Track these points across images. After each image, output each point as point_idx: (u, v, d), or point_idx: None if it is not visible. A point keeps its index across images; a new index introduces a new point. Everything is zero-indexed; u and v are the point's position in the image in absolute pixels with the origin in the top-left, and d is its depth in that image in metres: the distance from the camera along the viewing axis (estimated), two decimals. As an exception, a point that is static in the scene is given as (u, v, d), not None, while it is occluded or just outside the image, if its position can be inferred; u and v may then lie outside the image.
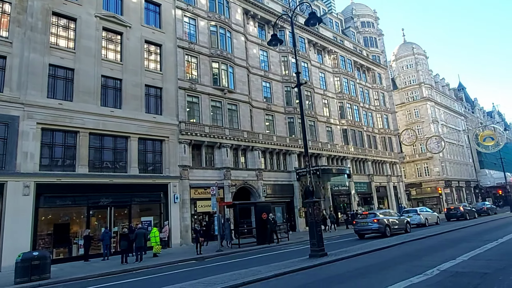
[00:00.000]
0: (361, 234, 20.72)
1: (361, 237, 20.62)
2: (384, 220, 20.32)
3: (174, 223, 23.14)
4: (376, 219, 20.01)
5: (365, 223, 20.42)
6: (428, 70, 68.91)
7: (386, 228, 19.96)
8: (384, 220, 20.28)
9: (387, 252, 12.53)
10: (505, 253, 10.64)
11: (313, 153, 35.62)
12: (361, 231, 20.60)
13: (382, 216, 20.65)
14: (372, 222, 19.98)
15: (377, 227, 19.80)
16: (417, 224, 26.87)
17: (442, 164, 60.07)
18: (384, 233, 19.74)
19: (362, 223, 20.63)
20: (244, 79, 30.90)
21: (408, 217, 25.18)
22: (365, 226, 20.35)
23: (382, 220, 20.17)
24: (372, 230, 20.07)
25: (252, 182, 29.06)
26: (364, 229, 20.41)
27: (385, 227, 19.92)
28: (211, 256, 17.29)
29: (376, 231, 19.95)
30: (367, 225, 20.25)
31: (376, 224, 19.82)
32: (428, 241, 15.37)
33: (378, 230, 19.86)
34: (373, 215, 20.77)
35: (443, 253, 11.50)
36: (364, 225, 20.44)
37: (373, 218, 20.27)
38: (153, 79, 24.46)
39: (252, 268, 10.54)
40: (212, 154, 27.51)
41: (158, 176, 23.20)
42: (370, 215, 21.05)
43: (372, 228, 19.97)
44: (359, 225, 20.78)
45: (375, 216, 20.46)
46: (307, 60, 38.74)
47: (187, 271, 12.82)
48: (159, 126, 23.84)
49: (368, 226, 20.14)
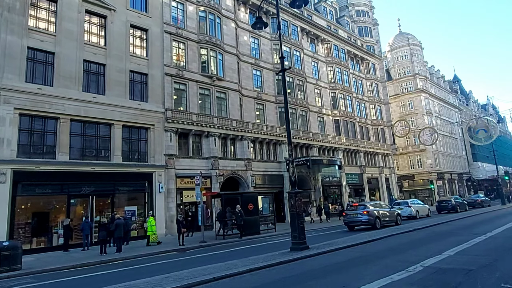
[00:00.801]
0: (350, 226, 20.46)
1: (351, 229, 20.32)
2: (374, 212, 19.99)
3: (159, 213, 22.57)
4: (366, 211, 19.68)
5: (355, 214, 20.09)
6: (423, 62, 68.37)
7: (376, 220, 19.64)
8: (374, 212, 19.94)
9: (372, 246, 12.09)
10: (492, 248, 10.22)
11: (304, 144, 35.13)
12: (350, 223, 20.35)
13: (372, 208, 20.27)
14: (362, 214, 19.67)
15: (367, 219, 19.50)
16: (408, 217, 26.61)
17: (435, 156, 59.97)
18: (374, 225, 19.44)
19: (352, 215, 20.31)
20: (234, 67, 30.13)
21: (399, 209, 24.94)
22: (354, 218, 20.04)
23: (372, 212, 19.82)
24: (362, 222, 19.78)
25: (241, 172, 28.53)
26: (354, 220, 20.13)
27: (375, 219, 19.60)
28: (193, 247, 16.80)
29: (366, 223, 19.65)
30: (356, 217, 19.94)
31: (366, 216, 19.52)
32: (416, 234, 14.98)
33: (368, 222, 19.55)
34: (363, 207, 20.37)
35: (429, 247, 11.07)
36: (354, 216, 20.13)
37: (363, 210, 19.91)
38: (138, 65, 23.65)
39: (228, 262, 10.04)
40: (200, 143, 26.88)
41: (142, 165, 22.56)
42: (360, 207, 20.63)
43: (362, 220, 19.68)
44: (349, 216, 20.46)
45: (365, 208, 20.08)
46: (300, 49, 37.96)
47: (163, 263, 12.31)
48: (144, 114, 23.12)
49: (358, 218, 19.84)
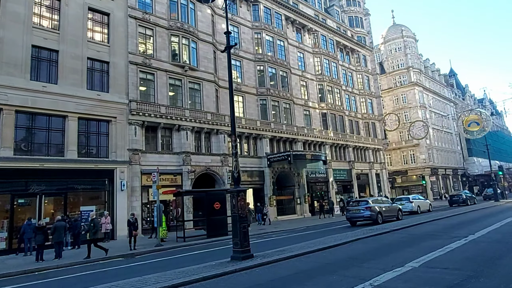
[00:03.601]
0: (352, 222, 20.70)
1: (353, 224, 20.59)
2: (376, 207, 20.33)
3: (121, 212, 20.78)
4: (368, 207, 20.04)
5: (357, 210, 20.40)
6: (418, 54, 66.43)
7: (378, 216, 19.97)
8: (376, 207, 20.28)
9: (330, 253, 10.30)
10: (470, 257, 8.43)
11: (288, 138, 33.31)
12: (353, 219, 20.57)
13: (374, 204, 20.64)
14: (364, 210, 20.02)
15: (369, 214, 19.83)
16: (409, 212, 26.67)
17: (428, 151, 58.24)
18: (376, 221, 19.70)
19: (354, 211, 20.61)
20: (209, 56, 28.22)
21: (400, 204, 25.26)
22: (357, 214, 20.33)
23: (374, 207, 20.18)
24: (364, 217, 20.06)
25: (216, 168, 26.71)
26: (356, 216, 20.37)
27: (377, 215, 19.96)
28: (145, 252, 15.02)
29: (368, 218, 19.94)
30: (359, 212, 20.25)
31: (368, 211, 19.87)
32: (390, 237, 13.20)
33: (370, 218, 19.84)
34: (365, 203, 20.73)
35: (396, 255, 9.30)
36: (356, 212, 20.42)
37: (365, 205, 20.28)
38: (98, 52, 21.73)
39: (151, 275, 8.24)
40: (170, 138, 25.02)
41: (101, 161, 20.70)
42: (362, 203, 20.95)
43: (364, 215, 20.00)
44: (351, 212, 20.80)
45: (367, 204, 20.42)
46: (284, 38, 36.02)
47: (94, 273, 10.55)
48: (105, 105, 21.25)
49: (360, 213, 20.15)
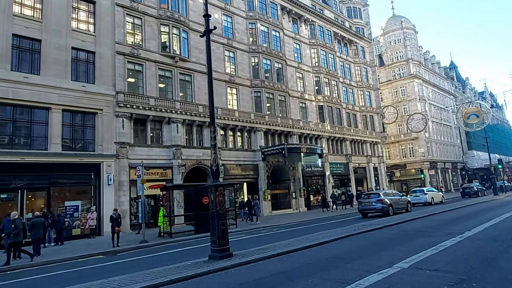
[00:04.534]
0: (364, 213, 21.68)
1: (365, 216, 21.50)
2: (387, 200, 21.25)
3: (108, 208, 20.08)
4: (380, 199, 20.95)
5: (369, 203, 21.29)
6: (418, 46, 65.41)
7: (389, 208, 20.92)
8: (386, 200, 21.20)
9: (316, 252, 9.67)
10: (462, 258, 7.80)
11: (283, 131, 32.60)
12: (365, 210, 21.56)
13: (385, 197, 21.56)
14: (376, 202, 20.93)
15: (380, 206, 20.74)
16: (423, 203, 28.50)
17: (427, 144, 57.53)
18: (387, 212, 20.60)
19: (366, 203, 21.54)
20: (201, 47, 27.40)
21: (415, 196, 28.33)
22: (369, 206, 21.27)
23: (385, 200, 21.13)
24: (376, 209, 20.96)
25: (208, 162, 25.92)
26: (368, 208, 21.34)
27: (388, 207, 20.91)
28: (128, 249, 14.44)
29: (380, 210, 20.80)
30: (370, 204, 21.15)
31: (380, 204, 20.78)
32: (382, 233, 12.57)
33: (381, 210, 20.72)
34: (377, 196, 21.69)
35: (384, 254, 8.67)
36: (368, 204, 21.33)
37: (377, 198, 21.20)
38: (83, 42, 20.95)
39: (111, 279, 7.62)
40: (160, 130, 24.36)
41: (87, 155, 20.04)
42: (374, 196, 21.96)
43: (376, 207, 20.91)
44: (363, 204, 21.71)
45: (378, 197, 21.33)
46: (279, 29, 35.13)
47: (63, 274, 9.95)
48: (90, 97, 20.52)
49: (372, 206, 21.08)
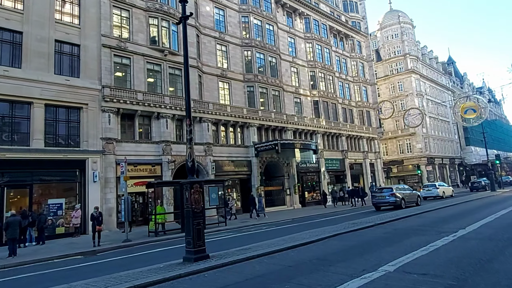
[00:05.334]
0: (378, 207, 22.97)
1: (378, 209, 22.70)
2: (400, 194, 22.55)
3: (94, 205, 19.43)
4: (393, 193, 22.25)
5: (383, 197, 22.61)
6: (415, 41, 64.72)
7: (402, 201, 22.13)
8: (399, 194, 22.51)
9: (300, 252, 9.08)
10: (454, 260, 7.21)
11: (277, 127, 31.98)
12: (378, 204, 22.89)
13: (397, 191, 22.86)
14: (390, 196, 22.21)
15: (394, 200, 21.98)
16: (434, 197, 30.67)
17: (425, 140, 57.03)
18: (400, 206, 21.80)
19: (380, 197, 22.90)
20: (191, 40, 26.56)
21: (427, 190, 31.24)
22: (382, 200, 22.54)
23: (398, 194, 22.41)
24: (390, 203, 22.16)
25: (199, 158, 25.41)
26: (381, 202, 22.61)
27: (401, 200, 22.12)
28: (109, 249, 13.86)
29: (393, 203, 21.98)
30: (384, 198, 22.43)
31: (393, 197, 22.05)
32: (373, 232, 11.99)
33: (395, 203, 21.90)
34: (390, 190, 23.04)
35: (371, 255, 8.09)
36: (381, 198, 22.63)
37: (390, 192, 22.50)
38: (67, 34, 20.24)
39: (73, 284, 7.03)
40: (149, 126, 23.71)
41: (71, 151, 19.39)
42: (387, 190, 23.28)
43: (390, 201, 22.16)
44: (377, 198, 23.10)
45: (391, 191, 22.67)
46: (273, 23, 34.41)
47: (31, 276, 9.35)
48: (75, 91, 19.84)
49: (386, 199, 22.34)
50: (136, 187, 22.10)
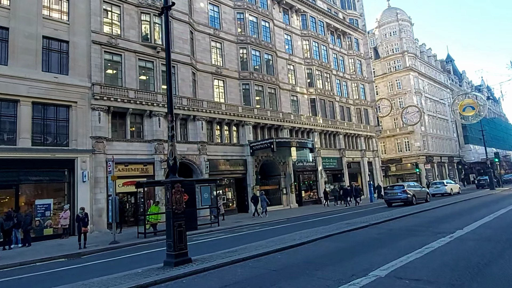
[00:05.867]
0: (389, 203, 23.89)
1: (389, 205, 23.73)
2: (411, 191, 23.52)
3: (83, 206, 18.99)
4: (404, 190, 23.24)
5: (395, 193, 23.65)
6: (413, 39, 64.26)
7: (413, 198, 23.07)
8: (410, 191, 23.48)
9: (288, 255, 8.62)
10: (449, 264, 6.76)
11: (273, 125, 31.49)
12: (390, 200, 23.87)
13: (408, 188, 23.84)
14: (401, 193, 23.20)
15: (405, 196, 22.94)
16: (442, 194, 31.78)
17: (423, 138, 56.57)
18: (411, 202, 22.72)
19: (392, 194, 23.93)
20: (185, 37, 26.20)
21: (436, 188, 32.79)
22: (394, 196, 23.58)
23: (409, 191, 23.40)
24: (401, 199, 23.14)
25: (193, 157, 24.95)
26: (393, 198, 23.63)
27: (412, 197, 23.06)
28: (95, 251, 13.37)
29: (405, 200, 22.90)
30: (396, 195, 23.49)
31: (405, 194, 23.01)
32: (367, 233, 11.53)
33: (406, 199, 22.82)
34: (402, 187, 24.06)
35: (363, 258, 7.63)
36: (393, 195, 23.68)
37: (402, 189, 23.54)
38: (55, 30, 19.73)
39: None
40: (141, 124, 23.23)
41: (60, 150, 18.89)
42: (398, 187, 24.39)
43: (401, 197, 23.15)
44: (389, 195, 24.14)
45: (403, 188, 23.70)
46: (269, 19, 33.91)
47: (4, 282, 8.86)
48: (63, 88, 19.34)
49: (398, 196, 23.38)
50: (128, 187, 21.62)
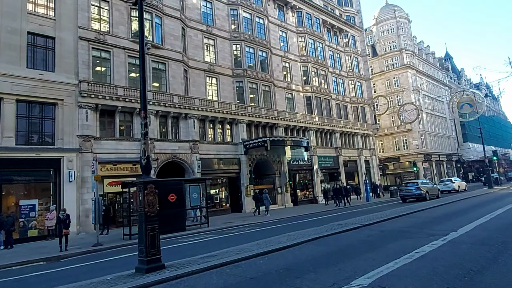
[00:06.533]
0: (404, 199, 25.66)
1: (404, 201, 25.36)
2: (424, 187, 25.34)
3: (69, 206, 18.33)
4: (418, 187, 25.01)
5: (409, 190, 25.38)
6: (411, 36, 63.69)
7: (426, 194, 24.72)
8: (424, 187, 25.30)
9: (269, 260, 8.12)
10: (438, 271, 6.26)
11: (267, 123, 31.01)
12: (405, 196, 25.58)
13: (422, 185, 25.63)
14: (416, 189, 24.93)
15: (419, 193, 24.64)
16: (450, 191, 33.73)
17: (421, 136, 56.12)
18: (425, 198, 24.35)
19: (407, 190, 25.69)
20: (176, 33, 25.66)
21: (444, 185, 34.27)
22: (409, 193, 25.34)
23: (423, 187, 25.21)
24: (416, 195, 24.83)
25: (185, 156, 24.46)
26: (408, 194, 25.35)
27: (425, 193, 24.72)
28: (76, 254, 12.87)
29: (419, 196, 24.60)
30: (411, 191, 25.21)
31: (419, 191, 24.73)
32: (356, 235, 11.01)
33: (420, 195, 24.53)
34: (416, 184, 25.84)
35: (347, 264, 7.14)
36: (408, 191, 25.42)
37: (416, 186, 25.28)
38: (41, 26, 19.18)
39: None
40: (131, 123, 22.72)
41: (45, 149, 18.38)
42: (412, 184, 26.16)
43: (416, 194, 24.85)
44: (404, 191, 26.00)
45: (417, 185, 25.48)
46: (264, 16, 33.37)
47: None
48: (49, 86, 18.80)
49: (412, 192, 25.11)
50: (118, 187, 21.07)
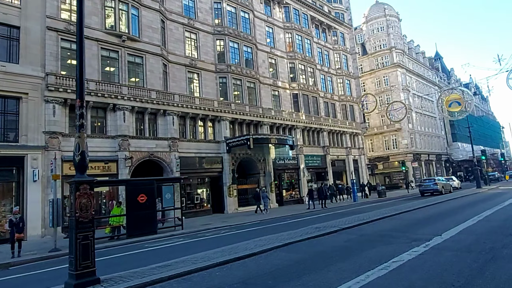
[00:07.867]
0: (422, 193, 29.69)
1: (422, 195, 29.44)
2: (440, 183, 29.81)
3: (33, 208, 17.37)
4: (435, 183, 29.59)
5: (428, 185, 29.76)
6: (401, 35, 63.20)
7: (442, 189, 29.01)
8: (440, 183, 29.75)
9: (229, 271, 7.10)
10: (414, 286, 5.29)
11: (252, 121, 29.95)
12: (424, 191, 29.72)
13: (438, 181, 30.23)
14: (434, 185, 29.40)
15: (437, 187, 28.95)
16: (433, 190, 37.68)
17: (411, 136, 55.63)
18: (441, 192, 28.66)
19: (425, 185, 30.06)
20: (155, 26, 24.49)
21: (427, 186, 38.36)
22: (428, 188, 29.64)
23: (439, 183, 29.69)
24: (434, 190, 29.03)
25: (163, 155, 23.31)
26: (427, 189, 29.56)
27: (441, 188, 29.01)
28: (29, 260, 11.68)
29: (436, 190, 28.84)
30: (429, 187, 29.52)
31: (436, 186, 29.10)
32: (332, 240, 10.03)
33: (437, 190, 28.75)
34: (433, 180, 30.85)
35: (314, 276, 6.14)
36: (427, 186, 29.76)
37: (433, 182, 30.06)
38: (5, 15, 17.90)
39: None
40: (104, 119, 21.52)
41: (7, 146, 17.08)
42: (429, 181, 31.10)
43: (433, 188, 29.11)
44: (423, 187, 30.28)
45: (434, 181, 30.33)
46: (249, 10, 32.32)
47: None
48: (12, 78, 17.55)
49: (431, 187, 29.39)
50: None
